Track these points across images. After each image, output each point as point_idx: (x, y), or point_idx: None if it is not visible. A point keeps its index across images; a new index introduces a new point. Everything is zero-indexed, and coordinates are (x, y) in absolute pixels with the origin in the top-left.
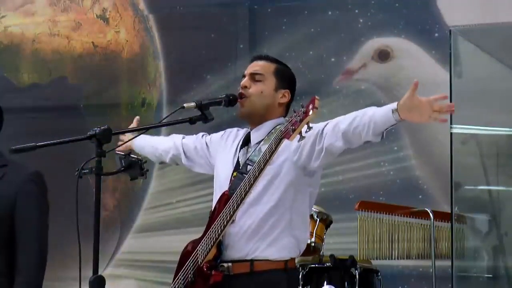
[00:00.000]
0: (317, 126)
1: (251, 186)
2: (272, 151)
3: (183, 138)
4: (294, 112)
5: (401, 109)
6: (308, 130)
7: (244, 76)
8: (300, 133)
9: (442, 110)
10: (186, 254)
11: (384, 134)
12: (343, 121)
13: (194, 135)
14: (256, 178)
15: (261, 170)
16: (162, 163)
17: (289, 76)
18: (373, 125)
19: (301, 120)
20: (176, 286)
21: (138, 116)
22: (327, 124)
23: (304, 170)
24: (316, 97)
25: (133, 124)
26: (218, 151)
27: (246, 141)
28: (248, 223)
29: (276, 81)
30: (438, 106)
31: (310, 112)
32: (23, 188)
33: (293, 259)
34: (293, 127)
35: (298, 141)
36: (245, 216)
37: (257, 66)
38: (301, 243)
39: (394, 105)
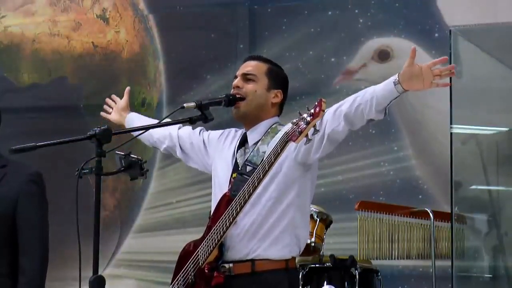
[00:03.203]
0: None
1: (255, 188)
2: (277, 154)
3: (179, 128)
4: (300, 114)
5: (402, 79)
6: (315, 132)
7: (236, 77)
8: (307, 135)
9: (443, 74)
10: (185, 255)
11: (387, 111)
12: (344, 104)
13: (190, 126)
14: (260, 181)
15: (265, 173)
16: (155, 147)
17: (281, 76)
18: (375, 101)
19: (307, 123)
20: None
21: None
22: (331, 115)
23: (304, 166)
24: (323, 99)
25: (125, 96)
26: (216, 152)
27: (243, 142)
28: (250, 223)
29: (268, 81)
30: (438, 70)
31: (316, 114)
32: (25, 189)
33: (293, 259)
34: (300, 129)
35: (305, 143)
36: (247, 217)
37: (249, 66)
38: (302, 241)
39: (394, 77)
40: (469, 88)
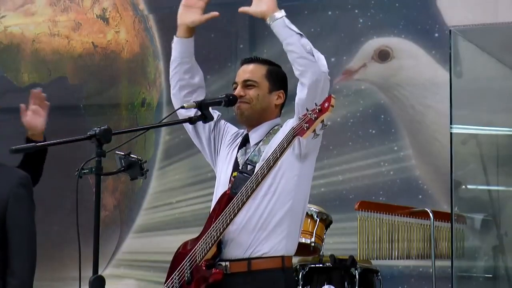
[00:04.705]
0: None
1: (258, 184)
2: (283, 149)
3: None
4: (307, 110)
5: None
6: (323, 127)
7: (235, 83)
8: (314, 130)
9: None
10: (180, 255)
11: (300, 33)
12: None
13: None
14: (264, 176)
15: (270, 168)
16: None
17: (281, 76)
18: (289, 46)
19: (316, 118)
20: (170, 287)
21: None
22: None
23: (300, 156)
24: (332, 95)
25: (209, 16)
26: (222, 153)
27: (244, 142)
28: (247, 218)
29: (269, 84)
30: None
31: (325, 109)
32: (15, 192)
33: (290, 258)
34: (307, 124)
35: (312, 138)
36: (244, 212)
37: (247, 72)
38: (298, 234)
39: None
40: (469, 88)
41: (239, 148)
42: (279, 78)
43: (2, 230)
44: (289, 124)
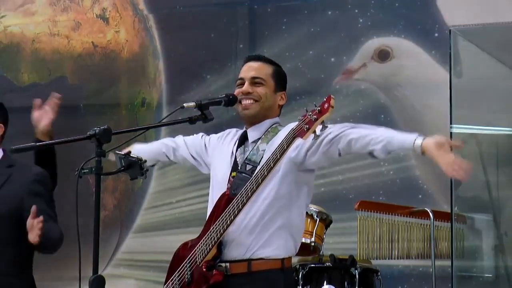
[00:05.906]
0: (328, 129)
1: (258, 186)
2: (283, 151)
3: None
4: (307, 111)
5: (428, 146)
6: (323, 129)
7: (240, 79)
8: (314, 132)
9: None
10: (180, 255)
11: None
12: (357, 140)
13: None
14: (264, 178)
15: (270, 169)
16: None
17: (284, 77)
18: (389, 147)
19: (316, 119)
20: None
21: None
22: (340, 132)
23: (300, 166)
24: (332, 95)
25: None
26: (216, 150)
27: (243, 140)
28: (247, 220)
29: (275, 84)
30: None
31: (325, 110)
32: (30, 188)
33: (289, 258)
34: (307, 126)
35: (313, 139)
36: (244, 213)
37: (254, 69)
38: (298, 241)
39: (419, 139)
40: (469, 88)
41: (238, 147)
42: (283, 79)
43: (16, 229)
44: (291, 127)
